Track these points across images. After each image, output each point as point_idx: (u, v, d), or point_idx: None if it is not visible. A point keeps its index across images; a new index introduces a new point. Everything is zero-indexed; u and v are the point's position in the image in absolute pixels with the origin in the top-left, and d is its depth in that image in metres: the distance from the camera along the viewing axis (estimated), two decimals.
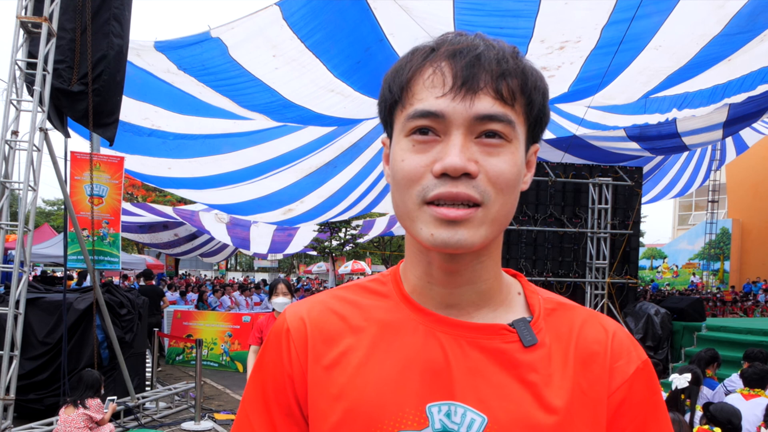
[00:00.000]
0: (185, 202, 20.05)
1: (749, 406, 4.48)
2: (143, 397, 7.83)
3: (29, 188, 5.84)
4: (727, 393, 5.28)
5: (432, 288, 0.86)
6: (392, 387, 0.82)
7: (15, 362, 5.64)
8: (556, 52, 8.05)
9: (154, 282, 13.24)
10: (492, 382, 0.81)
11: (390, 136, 0.86)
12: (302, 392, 0.87)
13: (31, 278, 9.00)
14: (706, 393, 5.38)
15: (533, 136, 0.85)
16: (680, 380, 4.20)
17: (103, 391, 6.01)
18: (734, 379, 5.64)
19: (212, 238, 21.91)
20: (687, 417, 4.16)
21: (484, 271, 0.85)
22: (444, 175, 0.75)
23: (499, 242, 0.87)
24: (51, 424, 6.40)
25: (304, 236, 22.66)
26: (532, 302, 0.90)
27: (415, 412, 0.80)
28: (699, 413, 4.31)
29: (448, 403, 0.80)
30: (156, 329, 10.21)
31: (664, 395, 4.43)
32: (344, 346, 0.86)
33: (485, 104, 0.76)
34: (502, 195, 0.78)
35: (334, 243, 23.20)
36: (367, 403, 0.82)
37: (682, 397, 4.19)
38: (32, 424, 6.37)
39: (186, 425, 7.30)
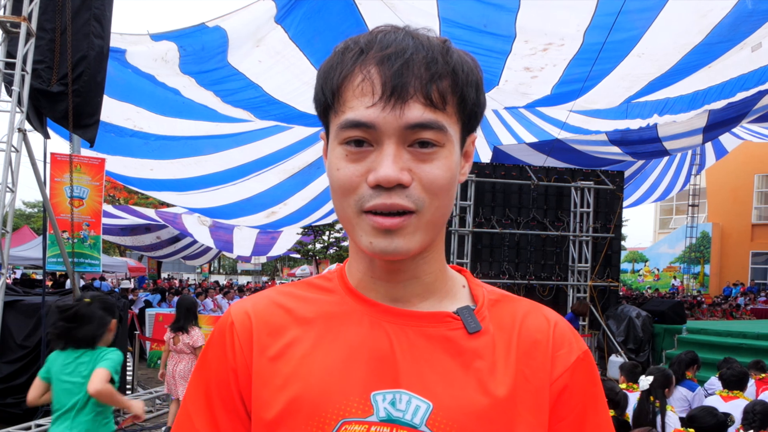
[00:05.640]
0: (168, 204, 19.89)
1: (728, 408, 4.52)
2: None
3: (7, 189, 5.76)
4: (707, 396, 5.33)
5: (376, 282, 0.87)
6: (337, 376, 0.82)
7: None
8: (539, 54, 8.10)
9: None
10: (437, 369, 0.83)
11: (327, 134, 0.86)
12: (246, 386, 0.86)
13: (10, 281, 8.87)
14: (685, 395, 5.43)
15: (469, 128, 0.85)
16: (644, 382, 4.26)
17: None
18: (714, 382, 5.69)
19: (195, 241, 21.74)
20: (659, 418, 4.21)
21: (427, 266, 0.86)
22: (378, 186, 0.76)
23: (441, 237, 0.88)
24: (29, 428, 6.30)
25: (287, 239, 22.58)
26: (476, 293, 0.92)
27: (359, 401, 0.81)
28: (670, 413, 4.36)
29: (393, 391, 0.81)
30: (137, 332, 10.11)
31: (635, 397, 4.49)
32: (290, 338, 0.86)
33: (415, 112, 0.76)
34: (437, 199, 0.79)
35: (318, 246, 23.16)
36: (311, 391, 0.82)
37: (651, 398, 4.23)
38: (10, 429, 6.27)
39: (167, 429, 7.22)
